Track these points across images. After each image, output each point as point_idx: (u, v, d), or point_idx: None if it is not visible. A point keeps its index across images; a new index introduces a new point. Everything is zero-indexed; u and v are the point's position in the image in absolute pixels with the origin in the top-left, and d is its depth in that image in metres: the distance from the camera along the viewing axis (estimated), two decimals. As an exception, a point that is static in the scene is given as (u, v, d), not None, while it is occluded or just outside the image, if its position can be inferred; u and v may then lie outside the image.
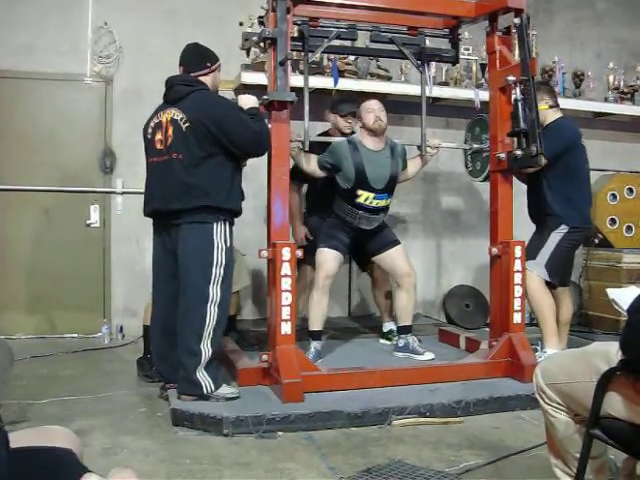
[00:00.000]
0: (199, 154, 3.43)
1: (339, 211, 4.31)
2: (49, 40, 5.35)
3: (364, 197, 4.19)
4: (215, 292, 3.44)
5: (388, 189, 4.26)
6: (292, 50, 3.76)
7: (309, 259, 4.38)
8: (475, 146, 4.60)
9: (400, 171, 4.34)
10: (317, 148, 4.31)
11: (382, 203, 4.26)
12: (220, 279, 3.46)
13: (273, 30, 3.64)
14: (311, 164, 4.24)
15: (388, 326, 4.86)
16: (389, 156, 4.26)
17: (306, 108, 4.09)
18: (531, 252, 4.18)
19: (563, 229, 4.22)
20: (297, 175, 4.47)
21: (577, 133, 4.32)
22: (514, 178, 4.29)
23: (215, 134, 3.42)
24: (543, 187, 4.26)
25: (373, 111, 4.20)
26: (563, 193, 4.23)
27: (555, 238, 4.22)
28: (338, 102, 4.83)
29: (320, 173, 4.26)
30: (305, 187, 5.05)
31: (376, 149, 4.23)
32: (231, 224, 3.57)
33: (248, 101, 3.65)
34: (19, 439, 1.37)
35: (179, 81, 3.60)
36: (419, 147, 4.51)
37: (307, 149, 4.13)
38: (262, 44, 3.81)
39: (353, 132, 4.54)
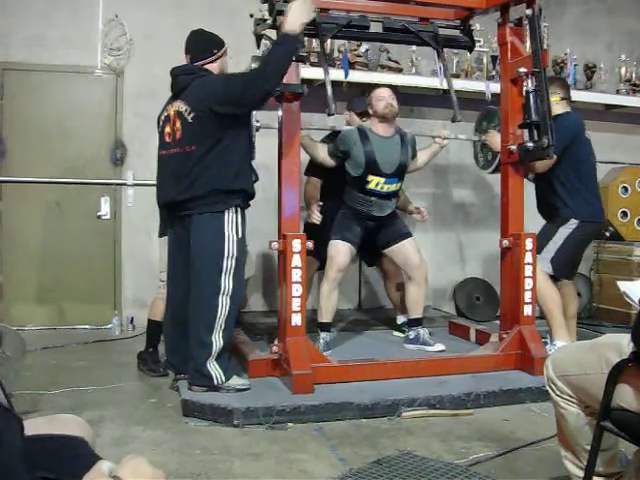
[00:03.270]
0: (207, 142, 3.41)
1: (351, 202, 4.30)
2: (60, 32, 5.36)
3: (375, 182, 4.19)
4: (227, 283, 3.44)
5: (398, 174, 4.26)
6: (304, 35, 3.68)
7: (316, 253, 4.34)
8: (484, 138, 4.58)
9: (410, 158, 4.35)
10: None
11: (393, 188, 4.26)
12: (232, 270, 3.45)
13: (284, 19, 3.61)
14: (321, 153, 4.24)
15: (402, 319, 4.83)
16: (399, 143, 4.27)
17: (329, 92, 3.86)
18: (537, 246, 4.14)
19: (572, 224, 4.20)
20: (316, 171, 4.47)
21: (580, 126, 4.28)
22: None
23: (215, 110, 3.36)
24: (551, 182, 4.23)
25: (384, 99, 4.20)
26: (571, 187, 4.20)
27: (563, 233, 4.20)
28: (353, 100, 4.82)
29: (330, 161, 4.26)
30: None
31: (386, 135, 4.23)
32: (243, 210, 3.54)
33: (298, 15, 3.40)
34: (31, 427, 1.37)
35: (180, 71, 3.60)
36: (433, 138, 4.51)
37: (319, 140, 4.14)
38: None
39: None
